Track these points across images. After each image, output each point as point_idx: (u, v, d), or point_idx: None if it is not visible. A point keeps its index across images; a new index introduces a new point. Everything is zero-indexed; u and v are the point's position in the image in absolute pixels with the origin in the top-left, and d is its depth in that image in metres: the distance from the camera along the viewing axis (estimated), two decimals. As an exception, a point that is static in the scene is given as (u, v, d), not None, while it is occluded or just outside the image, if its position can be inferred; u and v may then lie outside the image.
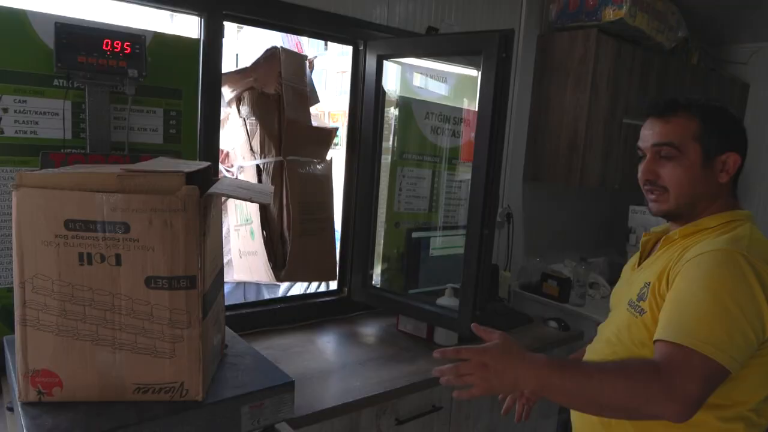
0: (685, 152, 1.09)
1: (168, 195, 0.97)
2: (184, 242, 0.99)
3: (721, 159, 1.10)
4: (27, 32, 1.39)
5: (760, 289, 0.96)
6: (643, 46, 2.84)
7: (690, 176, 1.10)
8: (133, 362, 1.03)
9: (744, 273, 0.96)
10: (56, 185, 0.96)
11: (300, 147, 2.06)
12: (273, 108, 2.03)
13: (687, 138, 1.09)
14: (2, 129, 1.39)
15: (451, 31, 2.37)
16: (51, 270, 0.97)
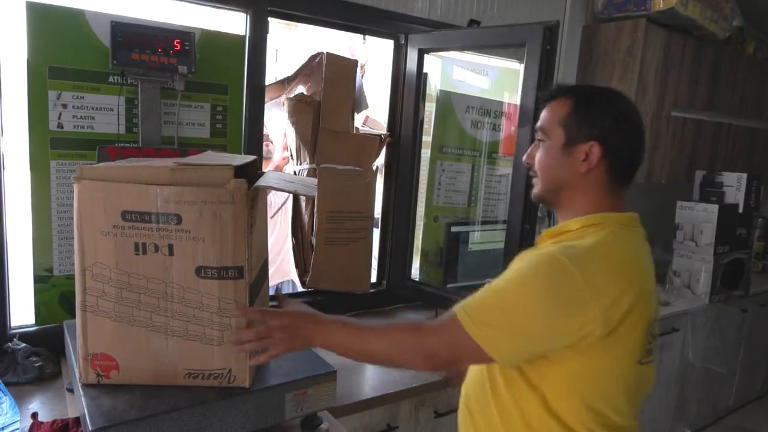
0: (551, 136, 1.03)
1: (217, 187, 1.01)
2: (232, 233, 1.03)
3: (582, 147, 1.00)
4: (85, 31, 1.45)
5: (565, 300, 0.90)
6: (695, 36, 2.74)
7: (550, 160, 1.04)
8: (184, 348, 1.07)
9: (553, 279, 0.91)
10: (114, 178, 1.01)
11: (337, 155, 2.00)
12: (310, 115, 1.97)
13: (554, 122, 1.03)
14: (62, 124, 1.46)
15: (493, 23, 2.35)
16: (109, 258, 1.03)
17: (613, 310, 0.91)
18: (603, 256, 0.94)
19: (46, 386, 1.43)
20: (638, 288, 0.94)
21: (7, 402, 1.27)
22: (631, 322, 0.93)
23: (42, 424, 1.21)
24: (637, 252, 1.00)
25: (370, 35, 2.13)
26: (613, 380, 0.96)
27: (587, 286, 0.89)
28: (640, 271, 0.97)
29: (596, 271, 0.92)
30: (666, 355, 2.69)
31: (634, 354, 0.96)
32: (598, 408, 0.96)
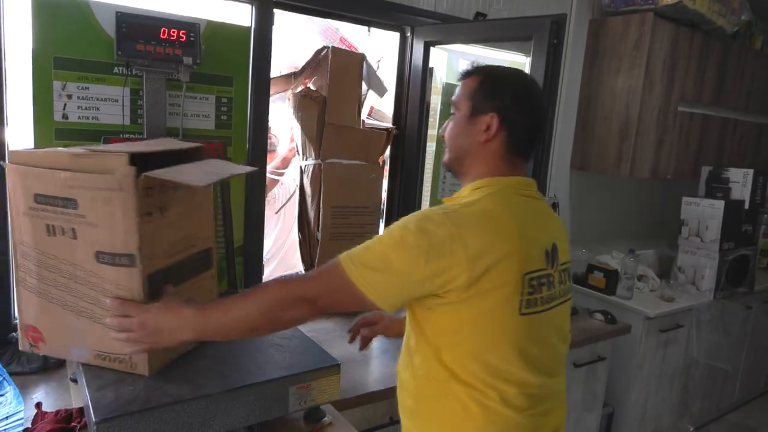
0: (460, 108, 1.13)
1: (107, 174, 1.02)
2: (121, 221, 1.02)
3: (484, 119, 1.08)
4: (90, 22, 1.44)
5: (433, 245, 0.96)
6: (703, 31, 2.72)
7: (457, 130, 1.13)
8: (93, 330, 1.10)
9: (425, 226, 0.98)
10: (31, 162, 1.06)
11: (343, 149, 1.99)
12: (315, 110, 1.95)
13: (463, 96, 1.12)
14: (67, 114, 1.46)
15: (500, 16, 2.33)
16: (29, 238, 1.08)
17: (478, 261, 0.96)
18: (477, 212, 1.02)
19: (50, 376, 1.43)
20: (511, 245, 0.99)
21: (11, 392, 1.27)
22: (499, 274, 0.97)
23: (46, 414, 1.21)
24: (516, 211, 1.05)
25: (376, 27, 2.12)
26: (494, 331, 1.01)
27: (456, 234, 0.96)
28: (517, 228, 1.02)
29: (467, 223, 0.98)
30: (670, 352, 2.69)
31: (511, 305, 1.00)
32: (487, 360, 1.01)
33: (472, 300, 0.99)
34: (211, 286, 1.28)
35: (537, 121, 1.12)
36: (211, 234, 1.28)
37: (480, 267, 0.96)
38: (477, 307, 0.99)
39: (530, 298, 1.02)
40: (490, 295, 0.98)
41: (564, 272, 1.12)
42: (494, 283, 0.98)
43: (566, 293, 1.14)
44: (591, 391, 2.25)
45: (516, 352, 1.02)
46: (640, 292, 2.76)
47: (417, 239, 0.97)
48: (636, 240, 3.30)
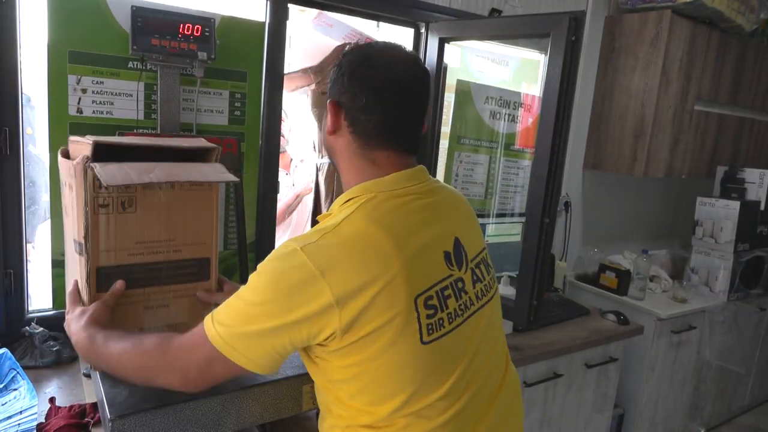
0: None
1: (70, 161, 1.06)
2: (75, 208, 1.05)
3: (329, 108, 0.96)
4: (105, 16, 1.44)
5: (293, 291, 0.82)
6: (720, 29, 2.68)
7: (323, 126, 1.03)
8: None
9: (289, 270, 0.83)
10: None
11: None
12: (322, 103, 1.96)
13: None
14: (81, 109, 1.45)
15: (515, 12, 2.31)
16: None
17: (349, 303, 0.82)
18: (339, 241, 0.85)
19: (63, 370, 1.43)
20: (388, 270, 0.83)
21: (25, 386, 1.27)
22: (380, 310, 0.82)
23: (60, 409, 1.21)
24: (392, 223, 0.88)
25: (390, 23, 2.10)
26: (397, 372, 0.86)
27: (315, 276, 0.82)
28: (393, 247, 0.85)
29: (327, 259, 0.83)
30: (682, 353, 2.66)
31: (406, 338, 0.85)
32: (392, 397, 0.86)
33: (357, 345, 0.84)
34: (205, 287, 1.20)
35: (382, 102, 0.92)
36: (209, 243, 1.18)
37: (352, 309, 0.82)
38: (365, 352, 0.84)
39: (432, 322, 0.87)
40: (376, 336, 0.84)
41: (478, 266, 0.98)
42: (376, 322, 0.83)
43: (486, 291, 0.98)
44: (602, 392, 2.23)
45: (427, 382, 0.87)
46: (652, 292, 2.73)
47: (273, 289, 0.83)
48: (648, 240, 3.27)
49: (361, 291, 0.82)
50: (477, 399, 0.94)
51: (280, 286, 0.83)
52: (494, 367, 0.99)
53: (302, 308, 0.82)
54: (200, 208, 1.15)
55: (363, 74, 0.92)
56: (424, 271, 0.88)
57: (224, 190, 1.71)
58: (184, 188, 1.12)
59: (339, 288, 0.82)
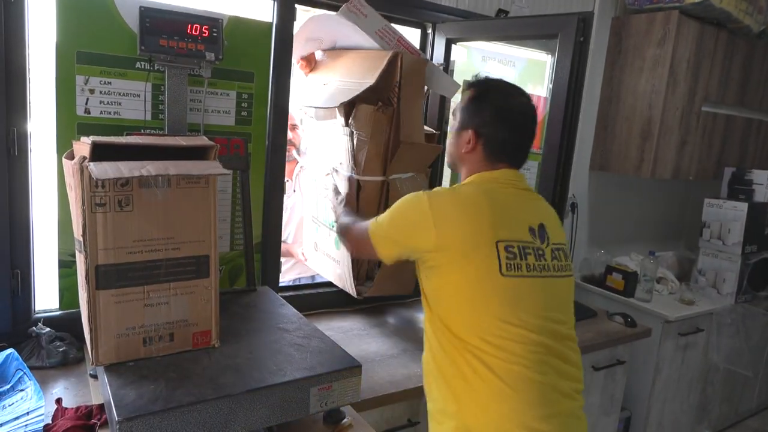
0: (455, 119, 1.34)
1: (70, 161, 1.08)
2: (75, 207, 1.08)
3: (466, 134, 1.28)
4: (113, 16, 1.43)
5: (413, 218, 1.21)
6: (728, 29, 2.66)
7: (451, 139, 1.36)
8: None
9: (413, 203, 1.23)
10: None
11: (407, 165, 1.79)
12: (386, 125, 1.71)
13: (458, 108, 1.33)
14: (89, 109, 1.45)
15: (522, 13, 2.30)
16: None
17: (444, 229, 1.15)
18: (452, 192, 1.24)
19: (70, 371, 1.43)
20: (479, 217, 1.16)
21: (32, 387, 1.27)
22: (469, 241, 1.14)
23: (66, 410, 1.21)
24: (491, 194, 1.22)
25: (397, 24, 2.09)
26: (481, 292, 1.14)
27: (429, 208, 1.18)
28: (488, 206, 1.19)
29: (440, 200, 1.20)
30: (689, 356, 2.65)
31: (489, 267, 1.13)
32: (485, 320, 1.13)
33: (451, 266, 1.16)
34: (205, 296, 1.20)
35: (512, 137, 1.27)
36: (208, 241, 1.19)
37: (447, 234, 1.15)
38: (458, 273, 1.15)
39: (511, 263, 1.15)
40: (466, 260, 1.14)
41: (558, 251, 1.24)
42: (466, 250, 1.14)
43: (563, 269, 1.24)
44: (609, 395, 2.22)
45: (509, 309, 1.13)
46: (659, 294, 2.72)
47: (403, 211, 1.25)
48: (655, 242, 3.25)
49: (454, 223, 1.16)
50: (553, 343, 1.16)
51: (404, 209, 1.25)
52: (563, 334, 1.20)
53: (415, 228, 1.20)
54: (198, 206, 1.16)
55: (502, 109, 1.26)
56: (510, 228, 1.19)
57: (231, 191, 1.71)
58: (181, 186, 1.12)
59: (440, 218, 1.17)
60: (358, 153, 1.74)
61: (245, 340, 1.27)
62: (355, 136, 1.72)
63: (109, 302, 1.10)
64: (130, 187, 1.07)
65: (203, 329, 1.21)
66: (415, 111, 1.75)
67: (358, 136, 1.71)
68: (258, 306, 1.50)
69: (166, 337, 1.17)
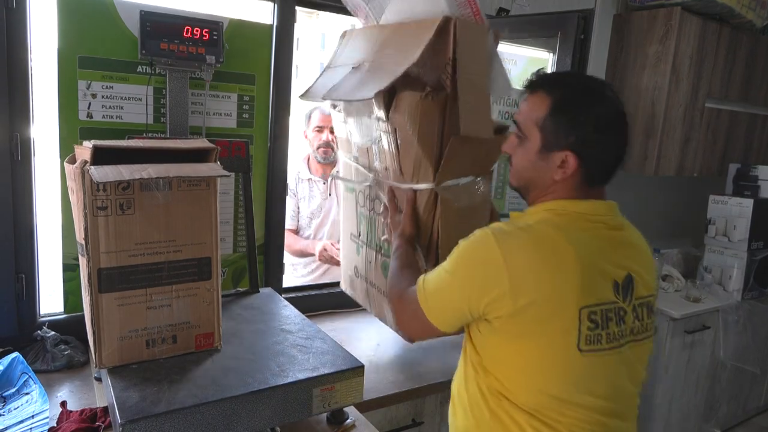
0: (528, 136, 1.01)
1: (72, 165, 1.08)
2: (77, 209, 1.09)
3: (559, 155, 0.97)
4: (114, 21, 1.44)
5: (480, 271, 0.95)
6: (731, 25, 2.65)
7: (526, 161, 1.02)
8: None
9: (479, 252, 0.97)
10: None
11: (465, 167, 1.34)
12: (437, 115, 1.27)
13: (531, 122, 1.00)
14: (91, 114, 1.46)
15: (523, 12, 2.29)
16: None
17: (523, 291, 0.91)
18: (531, 238, 0.94)
19: (75, 374, 1.44)
20: (565, 275, 0.91)
21: (36, 390, 1.28)
22: (549, 307, 0.91)
23: (71, 413, 1.21)
24: (579, 238, 0.95)
25: (397, 24, 2.09)
26: (551, 366, 0.94)
27: (503, 260, 0.92)
28: (575, 258, 0.93)
29: (517, 249, 0.93)
30: (696, 353, 2.63)
31: (566, 341, 0.92)
32: (548, 392, 0.95)
33: (522, 331, 0.94)
34: (208, 298, 1.21)
35: (621, 149, 0.99)
36: (210, 243, 1.19)
37: (525, 297, 0.91)
38: (528, 340, 0.94)
39: (591, 334, 0.93)
40: (542, 328, 0.92)
41: (642, 306, 1.01)
42: (543, 316, 0.92)
43: (643, 330, 1.02)
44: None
45: (578, 389, 0.95)
46: (664, 292, 2.70)
47: (467, 264, 0.98)
48: (660, 239, 3.23)
49: (535, 283, 0.91)
50: (618, 422, 1.00)
51: (469, 262, 0.98)
52: (628, 407, 1.04)
53: (485, 286, 0.94)
54: (199, 209, 1.16)
55: (604, 118, 0.96)
56: (595, 288, 0.95)
57: (233, 193, 1.72)
58: (182, 189, 1.13)
59: (518, 276, 0.92)
60: (404, 156, 1.34)
61: (248, 341, 1.28)
62: (398, 134, 1.32)
63: (112, 305, 1.10)
64: (131, 191, 1.08)
65: (206, 331, 1.21)
66: (478, 95, 1.28)
67: (402, 133, 1.31)
68: (261, 307, 1.50)
69: (169, 339, 1.17)
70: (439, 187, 1.30)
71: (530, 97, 1.01)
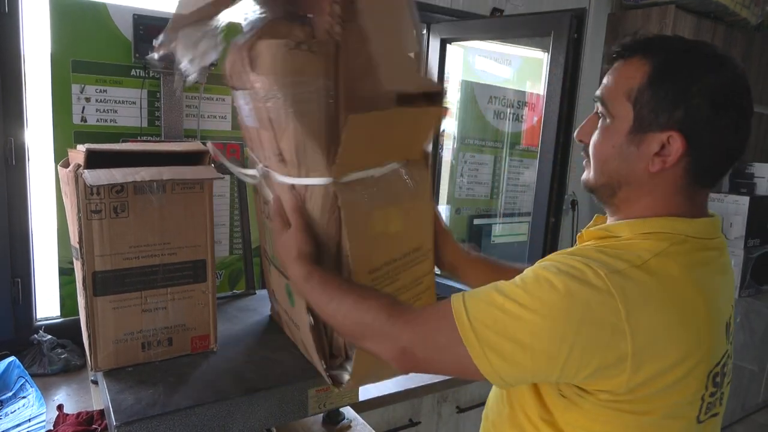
0: (615, 114, 0.75)
1: (65, 170, 1.07)
2: (71, 213, 1.08)
3: (658, 137, 0.72)
4: (107, 24, 1.45)
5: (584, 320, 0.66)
6: (725, 23, 2.66)
7: (610, 147, 0.76)
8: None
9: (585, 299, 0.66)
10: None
11: (380, 150, 0.93)
12: (320, 74, 0.85)
13: (620, 94, 0.74)
14: (85, 117, 1.46)
15: (517, 11, 2.30)
16: None
17: (648, 359, 0.67)
18: (655, 282, 0.68)
19: (72, 378, 1.44)
20: (698, 335, 0.70)
21: (33, 394, 1.28)
22: (677, 376, 0.69)
23: (67, 417, 1.22)
24: (704, 280, 0.72)
25: (391, 25, 2.10)
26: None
27: (622, 313, 0.65)
28: (705, 310, 0.71)
29: (640, 298, 0.66)
30: (693, 351, 2.64)
31: (689, 413, 0.73)
32: None
33: (637, 407, 0.70)
34: (203, 301, 1.19)
35: (742, 137, 0.73)
36: (204, 245, 1.17)
37: (651, 367, 0.67)
38: (642, 415, 0.71)
39: (712, 400, 0.75)
40: (664, 402, 0.70)
41: (729, 357, 0.79)
42: (669, 387, 0.69)
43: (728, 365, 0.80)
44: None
45: None
46: (662, 290, 2.71)
47: (565, 308, 0.66)
48: (657, 237, 3.24)
49: (665, 351, 0.68)
50: None
51: (574, 310, 0.66)
52: None
53: (593, 348, 0.66)
54: (194, 211, 1.16)
55: (729, 90, 0.71)
56: (719, 342, 0.74)
57: (229, 195, 1.72)
58: (176, 191, 1.13)
59: (643, 337, 0.66)
60: (282, 138, 0.90)
61: (243, 343, 1.28)
62: (268, 107, 0.89)
63: (107, 308, 1.10)
64: (125, 194, 1.08)
65: (201, 333, 1.21)
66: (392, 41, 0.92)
67: (271, 103, 0.88)
68: (257, 309, 1.50)
69: (165, 341, 1.17)
70: (339, 184, 0.89)
71: (621, 65, 0.75)
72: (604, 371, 0.67)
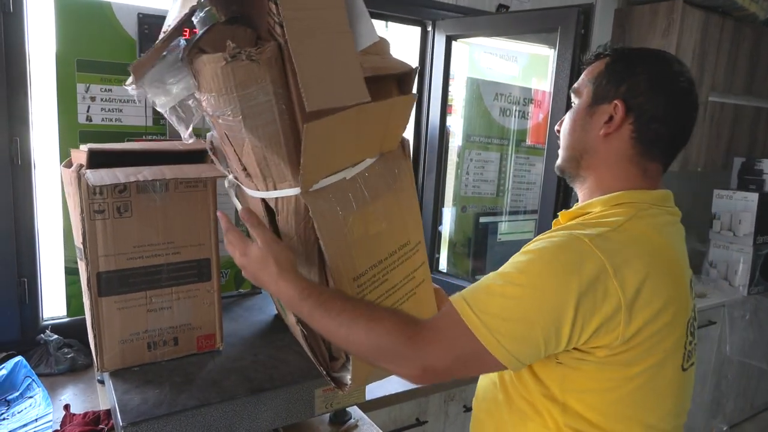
0: (580, 95, 0.93)
1: (68, 169, 1.08)
2: (74, 213, 1.08)
3: (606, 108, 0.88)
4: (112, 23, 1.44)
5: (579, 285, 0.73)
6: (734, 17, 2.63)
7: (573, 121, 0.92)
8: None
9: (574, 262, 0.74)
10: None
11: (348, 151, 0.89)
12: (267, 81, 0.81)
13: (585, 80, 0.93)
14: (91, 117, 1.46)
15: (522, 7, 2.28)
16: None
17: (640, 307, 0.75)
18: (632, 238, 0.79)
19: (78, 378, 1.44)
20: (675, 282, 0.80)
21: (40, 393, 1.28)
22: (664, 322, 0.78)
23: (74, 416, 1.22)
24: (670, 237, 0.85)
25: (395, 22, 2.09)
26: (654, 393, 0.81)
27: (609, 270, 0.74)
28: (677, 261, 0.83)
29: (622, 255, 0.76)
30: (702, 349, 2.62)
31: (674, 360, 0.82)
32: (646, 422, 0.83)
33: (630, 358, 0.78)
34: (208, 300, 1.20)
35: (677, 113, 0.87)
36: (208, 244, 1.17)
37: (640, 316, 0.75)
38: (635, 366, 0.78)
39: (691, 348, 0.85)
40: (652, 351, 0.78)
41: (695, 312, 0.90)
42: (656, 335, 0.77)
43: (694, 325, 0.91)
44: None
45: (671, 413, 0.85)
46: (670, 288, 2.69)
47: (560, 276, 0.74)
48: (664, 234, 3.21)
49: (652, 295, 0.76)
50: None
51: (568, 276, 0.74)
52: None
53: (590, 308, 0.74)
54: (197, 210, 1.16)
55: (662, 75, 0.87)
56: (688, 295, 0.85)
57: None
58: (180, 190, 1.13)
59: (632, 288, 0.75)
60: (243, 153, 0.88)
61: (249, 342, 1.27)
62: (221, 120, 0.85)
63: (112, 308, 1.10)
64: (128, 193, 1.07)
65: (207, 333, 1.21)
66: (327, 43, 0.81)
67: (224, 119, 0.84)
68: (263, 308, 1.50)
69: (171, 341, 1.17)
70: (309, 194, 0.85)
71: (592, 64, 0.94)
72: (603, 326, 0.75)
